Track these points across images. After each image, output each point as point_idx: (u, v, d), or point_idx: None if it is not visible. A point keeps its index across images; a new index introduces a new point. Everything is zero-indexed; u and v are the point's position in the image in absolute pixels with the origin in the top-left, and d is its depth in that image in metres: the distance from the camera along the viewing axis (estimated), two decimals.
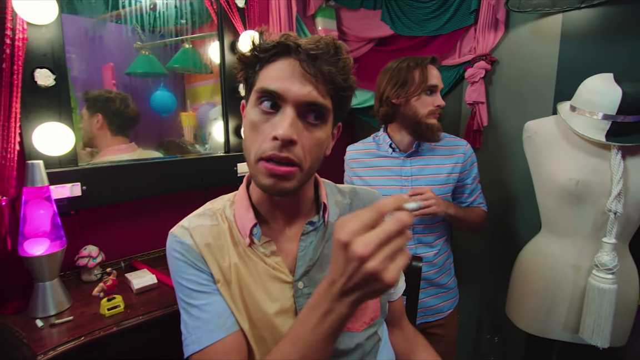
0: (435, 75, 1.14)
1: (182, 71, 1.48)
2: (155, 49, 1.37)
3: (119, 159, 1.22)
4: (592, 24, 1.29)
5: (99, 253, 1.10)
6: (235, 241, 0.63)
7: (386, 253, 0.40)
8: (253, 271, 0.62)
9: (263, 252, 0.62)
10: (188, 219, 0.64)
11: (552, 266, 1.12)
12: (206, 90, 1.53)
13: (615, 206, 0.97)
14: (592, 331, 1.01)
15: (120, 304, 0.93)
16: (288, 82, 0.54)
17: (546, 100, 1.41)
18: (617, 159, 0.98)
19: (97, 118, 1.22)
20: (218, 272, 0.60)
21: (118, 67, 1.31)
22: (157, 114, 1.44)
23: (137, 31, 1.31)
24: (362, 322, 0.66)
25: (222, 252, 0.61)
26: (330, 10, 1.68)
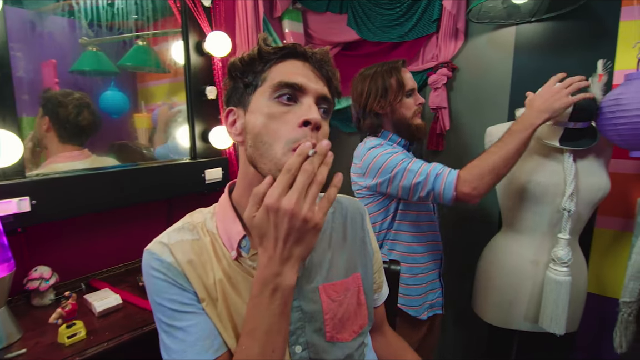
0: (409, 77, 1.18)
1: (135, 70, 1.37)
2: (107, 46, 1.25)
3: (70, 168, 1.11)
4: (542, 37, 1.40)
5: (52, 274, 0.98)
6: (219, 255, 0.60)
7: (309, 200, 0.47)
8: (239, 286, 0.59)
9: (251, 265, 0.59)
10: (167, 234, 0.60)
11: (513, 262, 1.20)
12: (162, 91, 1.43)
13: (568, 205, 1.06)
14: (551, 320, 1.10)
15: (81, 330, 0.85)
16: (306, 78, 0.57)
17: (502, 106, 1.51)
18: (569, 162, 1.07)
19: (45, 121, 1.10)
20: (202, 291, 0.57)
21: (62, 64, 1.18)
22: (108, 115, 1.32)
23: (83, 25, 1.19)
24: (351, 331, 0.65)
25: (206, 269, 0.58)
26: (297, 13, 1.66)
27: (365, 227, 0.75)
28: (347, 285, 0.66)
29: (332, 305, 0.63)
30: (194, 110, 1.35)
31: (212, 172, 1.36)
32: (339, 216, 0.72)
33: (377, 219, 1.20)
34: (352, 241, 0.71)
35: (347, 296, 0.65)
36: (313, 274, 0.63)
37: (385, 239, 1.21)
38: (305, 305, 0.61)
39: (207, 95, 1.34)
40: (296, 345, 0.60)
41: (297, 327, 0.60)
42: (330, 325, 0.62)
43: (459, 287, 1.59)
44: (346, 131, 1.94)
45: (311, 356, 0.60)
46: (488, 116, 1.55)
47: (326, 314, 0.62)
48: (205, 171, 1.35)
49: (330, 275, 0.64)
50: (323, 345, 0.61)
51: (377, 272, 0.77)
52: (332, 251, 0.67)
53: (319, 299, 0.62)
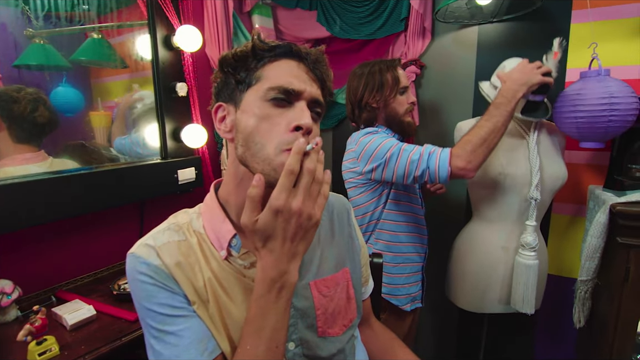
0: (404, 75, 1.23)
1: (90, 64, 1.28)
2: (63, 39, 1.16)
3: (25, 172, 1.02)
4: (502, 36, 1.49)
5: (14, 288, 0.90)
6: (207, 256, 0.58)
7: (312, 198, 0.49)
8: (230, 287, 0.58)
9: (242, 265, 0.59)
10: (152, 236, 0.58)
11: (485, 249, 1.27)
12: (120, 86, 1.35)
13: (535, 194, 1.14)
14: (523, 301, 1.18)
15: (54, 347, 0.79)
16: (302, 81, 0.57)
17: (467, 101, 1.59)
18: (534, 153, 1.16)
19: None
20: (192, 293, 0.55)
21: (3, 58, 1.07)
22: (61, 113, 1.22)
23: (27, 15, 1.09)
24: (341, 325, 0.66)
25: (194, 270, 0.56)
26: (266, 8, 1.63)
27: (352, 222, 0.76)
28: (337, 280, 0.67)
29: (323, 301, 0.63)
30: (163, 107, 1.29)
31: (185, 172, 1.31)
32: (325, 212, 0.72)
33: (368, 208, 1.22)
34: (339, 236, 0.72)
35: (337, 291, 0.66)
36: (304, 271, 0.63)
37: (374, 229, 1.25)
38: (297, 302, 0.61)
39: (178, 92, 1.29)
40: (289, 342, 0.60)
41: (290, 324, 0.60)
42: (322, 320, 0.63)
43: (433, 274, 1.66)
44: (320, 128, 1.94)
45: (304, 352, 0.61)
46: (454, 111, 1.62)
47: (317, 309, 0.62)
48: (178, 171, 1.29)
49: (321, 271, 0.65)
50: (315, 341, 0.62)
51: (365, 266, 0.79)
52: (322, 247, 0.68)
53: (310, 295, 0.62)
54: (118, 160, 1.27)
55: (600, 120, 1.02)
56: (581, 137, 1.10)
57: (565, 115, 1.10)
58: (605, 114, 1.01)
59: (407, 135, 1.27)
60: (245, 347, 0.50)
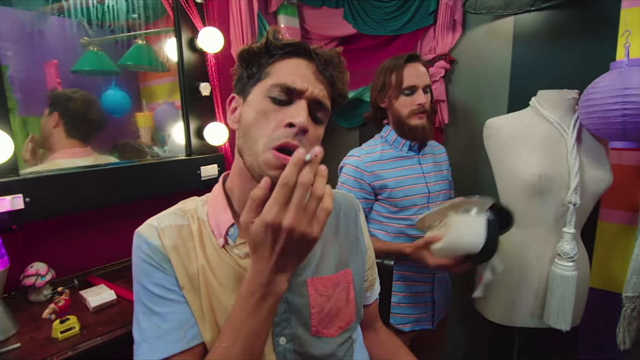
0: (413, 74, 1.13)
1: (136, 69, 1.39)
2: (106, 46, 1.27)
3: (72, 164, 1.13)
4: (541, 26, 1.37)
5: (48, 270, 1.00)
6: (204, 243, 0.60)
7: (309, 215, 0.46)
8: (222, 275, 0.58)
9: (237, 254, 0.60)
10: (157, 217, 0.61)
11: (516, 257, 1.17)
12: (163, 89, 1.44)
13: (574, 198, 1.03)
14: (557, 316, 1.08)
15: (75, 325, 0.86)
16: (306, 80, 0.57)
17: (501, 97, 1.49)
18: (573, 153, 1.05)
19: (54, 117, 1.13)
20: (184, 278, 0.57)
21: (63, 64, 1.20)
22: (110, 114, 1.34)
23: (83, 25, 1.20)
24: (337, 327, 0.65)
25: (190, 257, 0.58)
26: (292, 8, 1.65)
27: (359, 223, 0.74)
28: (337, 280, 0.65)
29: (320, 300, 0.62)
30: (188, 106, 1.35)
31: (208, 169, 1.37)
32: (333, 211, 0.70)
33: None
34: (344, 236, 0.70)
35: (336, 291, 0.65)
36: (302, 268, 0.63)
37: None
38: (291, 297, 0.61)
39: (201, 91, 1.35)
40: (280, 337, 0.59)
41: (283, 319, 0.60)
42: (317, 319, 0.62)
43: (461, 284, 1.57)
44: (345, 126, 1.92)
45: (295, 349, 0.60)
46: (487, 108, 1.52)
47: (313, 307, 0.61)
48: (201, 168, 1.35)
49: (320, 269, 0.64)
50: (308, 339, 0.61)
51: (370, 270, 0.76)
52: (324, 245, 0.66)
53: (306, 292, 0.62)
54: (159, 157, 1.36)
55: (613, 115, 0.91)
56: (600, 134, 0.99)
57: (582, 111, 1.00)
58: (616, 107, 0.89)
59: (411, 140, 1.18)
60: (221, 344, 0.51)
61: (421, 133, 1.14)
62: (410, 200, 1.15)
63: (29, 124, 1.09)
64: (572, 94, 1.09)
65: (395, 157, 1.19)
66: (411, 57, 1.15)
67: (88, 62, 1.25)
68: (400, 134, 1.18)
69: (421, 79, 1.14)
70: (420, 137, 1.15)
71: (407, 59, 1.14)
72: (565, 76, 1.32)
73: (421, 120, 1.13)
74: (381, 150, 1.20)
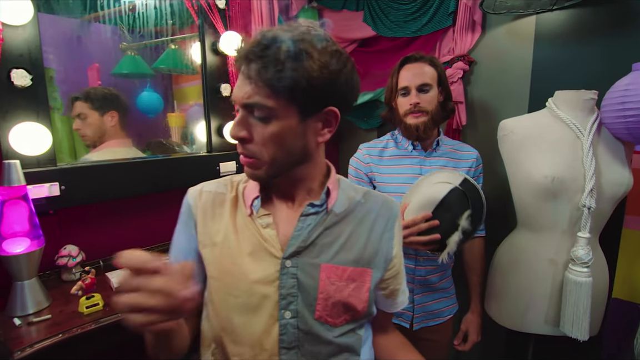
0: (405, 76, 1.16)
1: (169, 72, 1.49)
2: (141, 50, 1.38)
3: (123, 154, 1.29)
4: (564, 25, 1.33)
5: (79, 252, 1.10)
6: (236, 210, 0.67)
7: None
8: (243, 239, 0.65)
9: (260, 224, 0.65)
10: (209, 182, 0.72)
11: (530, 262, 1.15)
12: (194, 91, 1.53)
13: (589, 202, 1.00)
14: (572, 324, 1.04)
15: (99, 302, 0.94)
16: (237, 87, 0.59)
17: (522, 99, 1.45)
18: (589, 155, 1.01)
19: (112, 114, 1.28)
20: (204, 235, 0.66)
21: (103, 67, 1.32)
22: (144, 114, 1.44)
23: (122, 32, 1.31)
24: (343, 318, 0.65)
25: (216, 218, 0.67)
26: (313, 11, 1.70)
27: (393, 230, 0.71)
28: (352, 275, 0.65)
29: (330, 288, 0.63)
30: (209, 106, 1.44)
31: (226, 165, 1.44)
32: (367, 208, 0.70)
33: None
34: (374, 237, 0.68)
35: (350, 286, 0.64)
36: (318, 251, 0.64)
37: None
38: (302, 276, 0.62)
39: (222, 92, 1.42)
40: (286, 311, 0.62)
41: (290, 294, 0.62)
42: (322, 305, 0.63)
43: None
44: (363, 127, 1.94)
45: (299, 325, 0.62)
46: (507, 110, 1.49)
47: (321, 293, 0.62)
48: (220, 164, 1.43)
49: (337, 258, 0.64)
50: (311, 321, 0.63)
51: (391, 279, 0.71)
52: (348, 236, 0.66)
53: (317, 276, 0.63)
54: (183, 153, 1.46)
55: None
56: (634, 139, 0.94)
57: (612, 115, 0.95)
58: None
59: (409, 139, 1.19)
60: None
61: (415, 132, 1.14)
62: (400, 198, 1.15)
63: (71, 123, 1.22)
64: (590, 94, 1.05)
65: (396, 155, 1.21)
66: (407, 59, 1.17)
67: (126, 66, 1.37)
68: (402, 133, 1.20)
69: (412, 80, 1.15)
70: (415, 136, 1.16)
71: (402, 62, 1.18)
72: (588, 77, 1.27)
73: (416, 119, 1.14)
74: (384, 147, 1.23)
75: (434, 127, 1.18)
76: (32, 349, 0.80)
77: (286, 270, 0.62)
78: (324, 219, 0.66)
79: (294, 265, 0.63)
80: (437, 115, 1.17)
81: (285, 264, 0.63)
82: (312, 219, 0.65)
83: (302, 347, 0.63)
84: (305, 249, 0.63)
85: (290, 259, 0.63)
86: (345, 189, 0.71)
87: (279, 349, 0.62)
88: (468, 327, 1.28)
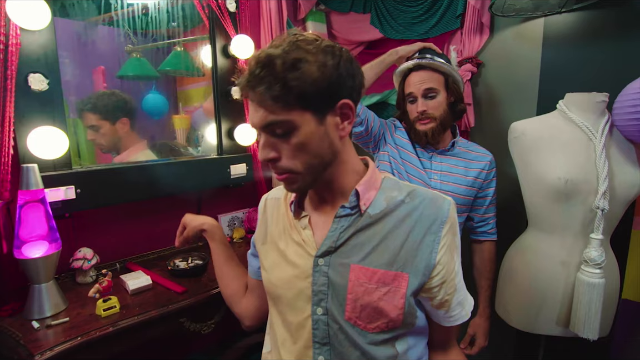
0: (411, 82, 1.17)
1: (174, 74, 1.50)
2: (147, 52, 1.38)
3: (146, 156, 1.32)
4: (573, 28, 1.34)
5: (93, 255, 1.10)
6: (286, 213, 0.75)
7: None
8: (289, 239, 0.72)
9: (300, 225, 0.71)
10: (274, 189, 0.84)
11: (541, 263, 1.15)
12: (199, 93, 1.54)
13: (602, 203, 1.01)
14: (584, 325, 1.05)
15: (116, 305, 0.95)
16: (251, 115, 0.62)
17: (530, 101, 1.46)
18: (602, 157, 1.02)
19: (123, 121, 1.29)
20: (262, 234, 0.80)
21: (109, 70, 1.32)
22: (150, 116, 1.45)
23: (128, 34, 1.32)
24: (376, 325, 0.63)
25: (270, 220, 0.78)
26: (320, 14, 1.71)
27: (439, 234, 0.64)
28: (384, 279, 0.62)
29: (359, 289, 0.62)
30: (220, 109, 1.44)
31: (237, 168, 1.45)
32: (410, 208, 0.65)
33: None
34: (413, 239, 0.63)
35: (382, 290, 0.62)
36: (349, 252, 0.64)
37: None
38: (332, 275, 0.64)
39: (233, 95, 1.43)
40: (318, 307, 0.65)
41: (321, 290, 0.65)
42: (351, 306, 0.63)
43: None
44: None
45: (329, 323, 0.65)
46: (515, 112, 1.50)
47: (350, 293, 0.62)
48: (230, 166, 1.43)
49: (369, 260, 0.63)
50: (342, 321, 0.64)
51: (439, 287, 0.64)
52: (383, 238, 0.64)
53: (347, 276, 0.63)
54: (194, 156, 1.46)
55: None
56: None
57: (625, 117, 0.96)
58: None
59: (421, 145, 1.21)
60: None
61: (424, 139, 1.17)
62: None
63: (78, 125, 1.22)
64: (602, 96, 1.06)
65: (403, 147, 1.24)
66: (417, 67, 1.18)
67: (131, 68, 1.37)
68: (412, 138, 1.22)
69: (418, 87, 1.15)
70: (424, 143, 1.19)
71: (412, 68, 1.18)
72: (597, 79, 1.28)
73: (424, 126, 1.16)
74: (401, 136, 1.26)
75: (443, 132, 1.18)
76: (52, 352, 0.80)
77: (318, 267, 0.66)
78: (357, 220, 0.66)
79: (326, 264, 0.66)
80: (446, 119, 1.17)
81: (318, 262, 0.66)
82: (346, 221, 0.66)
83: (334, 346, 0.65)
84: (336, 249, 0.65)
85: (323, 258, 0.66)
86: (387, 188, 0.68)
87: (313, 342, 0.66)
88: (476, 331, 1.28)
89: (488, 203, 1.24)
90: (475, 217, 1.26)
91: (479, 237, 1.28)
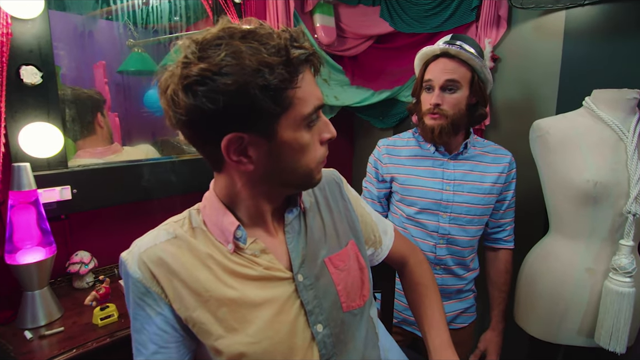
0: (433, 69, 1.03)
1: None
2: (149, 47, 1.32)
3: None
4: (596, 21, 1.27)
5: (91, 259, 1.05)
6: (212, 251, 0.56)
7: None
8: (239, 278, 0.55)
9: (252, 253, 0.57)
10: (141, 239, 0.58)
11: (564, 270, 1.09)
12: None
13: (634, 208, 0.95)
14: (610, 336, 0.99)
15: (114, 313, 0.89)
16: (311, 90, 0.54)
17: (549, 98, 1.39)
18: (634, 158, 0.96)
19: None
20: (189, 297, 0.53)
21: (110, 65, 1.27)
22: (152, 112, 1.39)
23: (129, 28, 1.26)
24: (361, 295, 0.67)
25: (191, 268, 0.54)
26: (328, 7, 1.64)
27: (345, 195, 0.74)
28: (347, 253, 0.67)
29: (341, 275, 0.64)
30: None
31: None
32: (319, 191, 0.71)
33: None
34: (336, 211, 0.71)
35: (351, 263, 0.67)
36: (316, 250, 0.63)
37: None
38: (316, 281, 0.61)
39: None
40: (317, 325, 0.59)
41: (315, 306, 0.59)
42: (344, 294, 0.63)
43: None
44: (379, 127, 1.89)
45: (332, 332, 0.60)
46: (533, 109, 1.43)
47: (338, 285, 0.63)
48: None
49: (331, 248, 0.66)
50: (342, 317, 0.62)
51: (370, 231, 0.77)
52: (325, 225, 0.68)
53: (327, 272, 0.62)
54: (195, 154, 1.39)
55: None
56: None
57: None
58: None
59: (427, 140, 1.09)
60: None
61: (430, 135, 1.04)
62: (423, 202, 1.09)
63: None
64: (633, 93, 0.99)
65: (417, 155, 1.12)
66: (444, 54, 1.02)
67: (133, 63, 1.31)
68: (420, 132, 1.11)
69: (438, 76, 1.01)
70: (429, 139, 1.06)
71: (439, 54, 1.03)
72: (622, 75, 1.21)
73: (434, 121, 1.02)
74: (405, 145, 1.14)
75: (453, 133, 1.04)
76: None
77: (302, 285, 0.59)
78: (302, 219, 0.65)
79: (306, 277, 0.60)
80: (460, 120, 1.03)
81: (298, 279, 0.59)
82: (296, 224, 0.64)
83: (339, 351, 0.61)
84: (306, 256, 0.62)
85: (300, 272, 0.60)
86: None
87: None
88: (487, 347, 1.20)
89: (505, 207, 1.15)
90: (490, 222, 1.16)
91: (493, 245, 1.20)
